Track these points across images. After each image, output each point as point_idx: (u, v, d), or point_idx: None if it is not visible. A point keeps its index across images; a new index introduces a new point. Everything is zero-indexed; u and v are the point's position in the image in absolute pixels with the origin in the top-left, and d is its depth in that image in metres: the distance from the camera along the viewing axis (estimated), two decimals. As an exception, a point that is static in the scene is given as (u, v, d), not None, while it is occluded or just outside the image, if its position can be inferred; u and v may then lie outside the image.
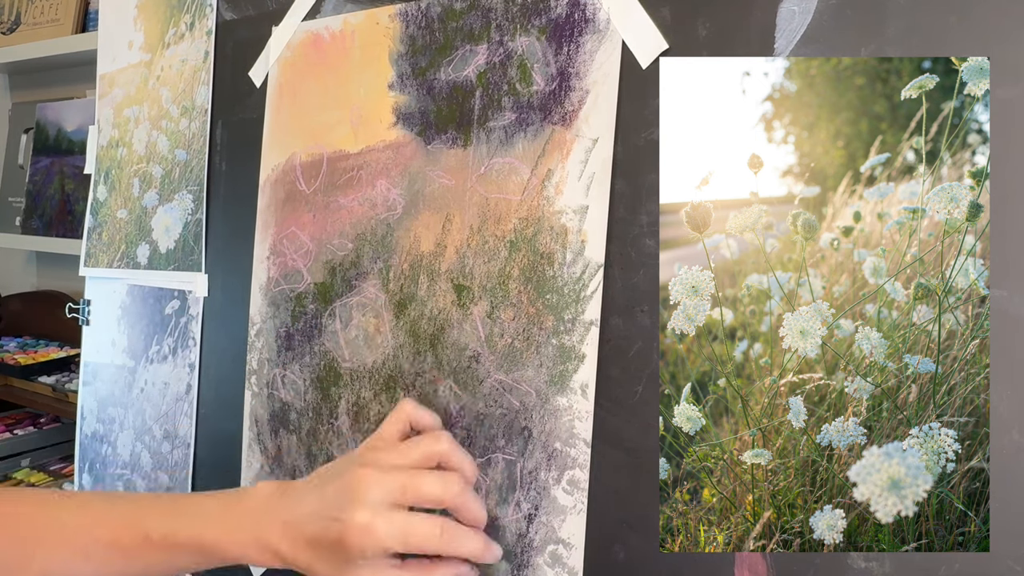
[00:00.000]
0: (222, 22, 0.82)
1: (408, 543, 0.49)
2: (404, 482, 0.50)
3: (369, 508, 0.49)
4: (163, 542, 0.52)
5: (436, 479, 0.51)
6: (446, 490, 0.51)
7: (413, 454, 0.52)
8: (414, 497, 0.50)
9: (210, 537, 0.52)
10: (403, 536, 0.49)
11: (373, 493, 0.49)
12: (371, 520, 0.49)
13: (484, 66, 0.61)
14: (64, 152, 1.56)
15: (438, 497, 0.51)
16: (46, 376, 1.49)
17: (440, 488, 0.51)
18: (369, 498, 0.49)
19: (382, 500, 0.49)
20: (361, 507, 0.49)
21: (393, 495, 0.50)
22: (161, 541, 0.52)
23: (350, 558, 0.49)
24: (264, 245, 0.76)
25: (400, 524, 0.49)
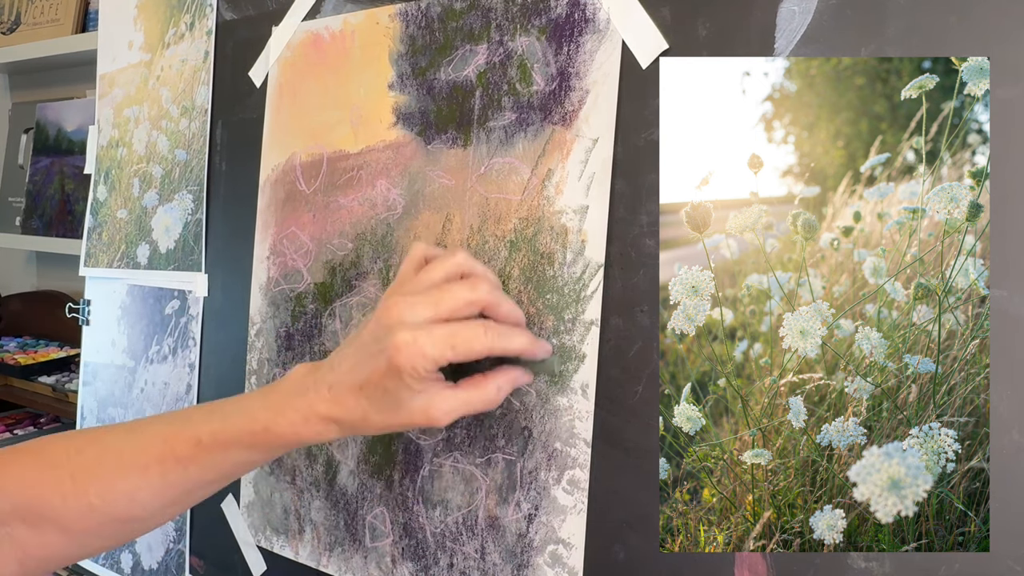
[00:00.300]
0: (222, 22, 0.82)
1: (456, 348, 0.48)
2: (435, 297, 0.49)
3: (409, 328, 0.48)
4: (214, 442, 0.51)
5: (464, 284, 0.50)
6: (476, 291, 0.50)
7: (434, 274, 0.51)
8: (448, 306, 0.49)
9: (259, 425, 0.51)
10: (449, 342, 0.48)
11: (407, 315, 0.48)
12: (414, 336, 0.47)
13: (484, 66, 0.61)
14: (64, 152, 1.56)
15: (469, 299, 0.49)
16: (46, 376, 1.48)
17: (470, 291, 0.49)
18: (406, 319, 0.48)
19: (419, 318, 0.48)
20: (401, 329, 0.48)
21: (428, 311, 0.48)
22: (212, 442, 0.51)
23: (403, 386, 0.48)
24: (264, 245, 0.76)
25: (443, 332, 0.48)
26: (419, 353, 0.47)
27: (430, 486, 0.62)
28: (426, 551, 0.62)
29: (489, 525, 0.59)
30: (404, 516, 0.64)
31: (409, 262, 0.54)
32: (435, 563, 0.62)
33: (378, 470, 0.66)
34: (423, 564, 0.63)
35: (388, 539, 0.65)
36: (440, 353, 0.47)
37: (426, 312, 0.48)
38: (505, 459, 0.58)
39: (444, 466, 0.62)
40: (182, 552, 0.84)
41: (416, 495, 0.63)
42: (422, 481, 0.63)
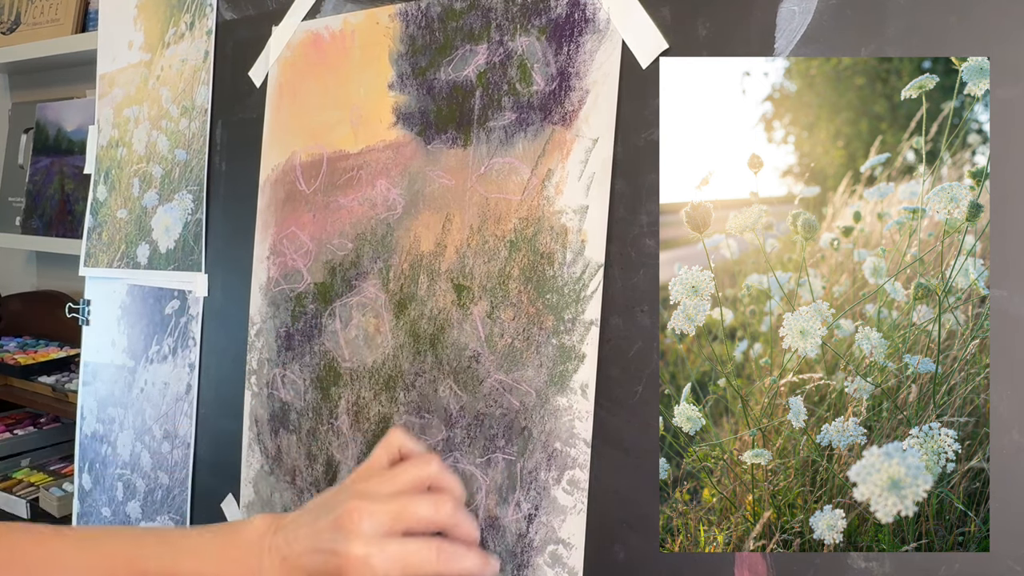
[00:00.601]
0: (222, 22, 0.82)
1: (406, 570, 0.50)
2: (397, 510, 0.51)
3: (363, 540, 0.49)
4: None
5: (427, 502, 0.52)
6: (438, 511, 0.51)
7: (403, 479, 0.53)
8: (408, 523, 0.50)
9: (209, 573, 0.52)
10: (401, 564, 0.49)
11: (366, 524, 0.50)
12: (367, 552, 0.49)
13: (484, 66, 0.61)
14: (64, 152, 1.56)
15: (431, 519, 0.51)
16: (46, 376, 1.48)
17: (432, 510, 0.51)
18: (363, 530, 0.50)
19: (376, 530, 0.50)
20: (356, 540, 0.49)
21: (387, 524, 0.50)
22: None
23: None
24: (264, 245, 0.76)
25: (397, 552, 0.49)
26: (369, 570, 0.48)
27: None
28: (426, 551, 0.62)
29: (489, 525, 0.59)
30: (404, 516, 0.64)
31: (383, 450, 0.55)
32: (435, 563, 0.62)
33: (378, 470, 0.66)
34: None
35: (388, 539, 0.65)
36: (389, 572, 0.49)
37: (385, 525, 0.50)
38: (505, 459, 0.58)
39: (444, 466, 0.62)
40: None
41: (416, 495, 0.63)
42: (422, 481, 0.63)
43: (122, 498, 0.91)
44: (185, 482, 0.84)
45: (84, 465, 0.97)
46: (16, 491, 1.37)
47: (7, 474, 1.44)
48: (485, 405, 0.59)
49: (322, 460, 0.70)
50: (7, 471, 1.46)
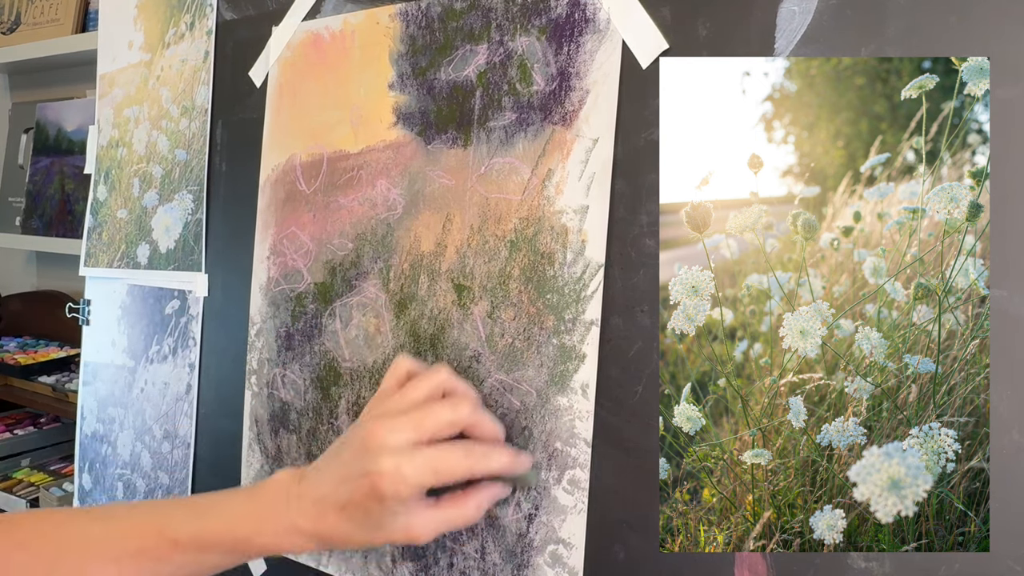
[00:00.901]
0: (222, 22, 0.82)
1: (439, 473, 0.49)
2: (417, 418, 0.50)
3: (391, 453, 0.49)
4: (192, 544, 0.51)
5: (445, 405, 0.51)
6: (457, 412, 0.51)
7: (416, 392, 0.52)
8: (429, 429, 0.50)
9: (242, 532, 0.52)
10: (432, 468, 0.49)
11: (390, 439, 0.49)
12: (397, 463, 0.48)
13: (484, 66, 0.61)
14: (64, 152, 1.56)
15: (451, 421, 0.51)
16: (46, 376, 1.48)
17: (451, 412, 0.51)
18: (388, 444, 0.49)
19: (401, 442, 0.49)
20: (384, 454, 0.49)
21: (409, 434, 0.49)
22: (190, 543, 0.51)
23: (386, 509, 0.49)
24: (264, 245, 0.76)
25: (426, 458, 0.49)
26: (402, 480, 0.48)
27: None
28: (426, 551, 0.62)
29: (489, 525, 0.59)
30: (404, 516, 0.64)
31: (391, 376, 0.55)
32: (435, 563, 0.62)
33: (378, 470, 0.66)
34: (423, 564, 0.63)
35: (388, 539, 0.65)
36: (422, 479, 0.48)
37: (408, 435, 0.49)
38: (505, 459, 0.58)
39: (444, 466, 0.62)
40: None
41: (416, 495, 0.63)
42: (422, 481, 0.63)
43: (122, 498, 0.91)
44: (185, 482, 0.84)
45: (84, 465, 0.97)
46: (16, 491, 1.37)
47: (7, 474, 1.44)
48: (485, 405, 0.59)
49: (322, 460, 0.70)
50: (7, 471, 1.46)
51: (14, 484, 1.39)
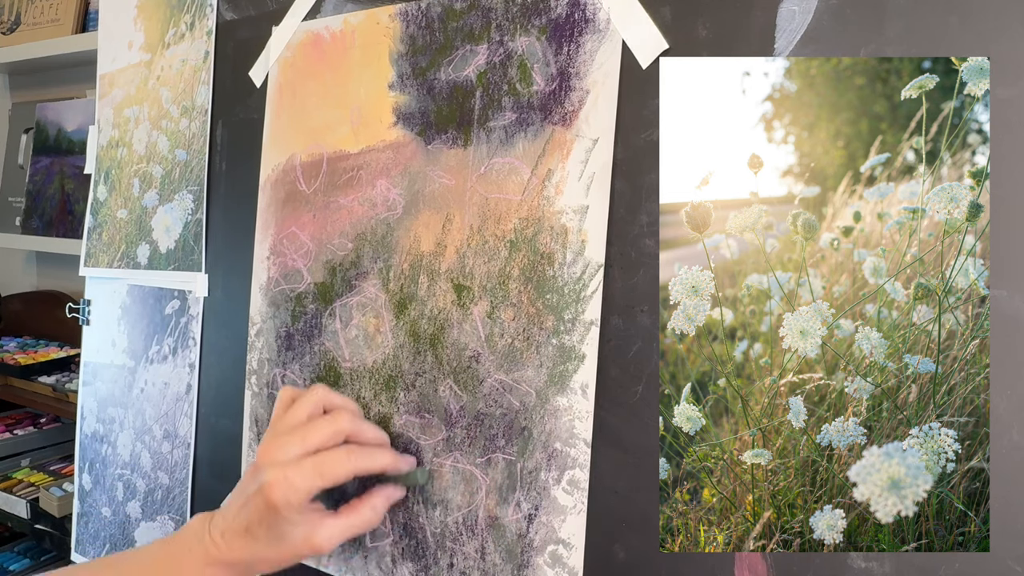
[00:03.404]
0: (222, 22, 0.82)
1: (324, 475, 0.53)
2: (300, 434, 0.54)
3: (278, 465, 0.53)
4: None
5: (326, 421, 0.56)
6: (337, 423, 0.55)
7: (298, 413, 0.57)
8: (314, 441, 0.54)
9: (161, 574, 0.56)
10: (317, 472, 0.53)
11: (278, 454, 0.53)
12: (284, 473, 0.52)
13: (484, 66, 0.61)
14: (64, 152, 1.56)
15: (332, 431, 0.55)
16: (46, 376, 1.49)
17: (332, 426, 0.55)
18: (276, 458, 0.53)
19: (288, 456, 0.53)
20: (271, 468, 0.53)
21: (295, 449, 0.54)
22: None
23: (283, 519, 0.52)
24: (264, 245, 0.76)
25: (310, 465, 0.53)
26: (290, 487, 0.52)
27: (430, 486, 0.62)
28: (426, 551, 0.62)
29: (489, 525, 0.59)
30: (404, 516, 0.64)
31: (279, 406, 0.60)
32: (435, 563, 0.62)
33: (378, 470, 0.66)
34: (423, 564, 0.63)
35: (388, 539, 0.65)
36: (310, 483, 0.52)
37: (295, 449, 0.54)
38: (505, 459, 0.58)
39: (444, 466, 0.62)
40: None
41: (416, 495, 0.63)
42: (422, 481, 0.63)
43: (122, 498, 0.91)
44: (185, 482, 0.84)
45: (84, 465, 0.97)
46: (16, 491, 1.37)
47: (7, 474, 1.44)
48: (485, 405, 0.59)
49: (322, 460, 0.70)
50: (7, 471, 1.46)
51: (14, 484, 1.39)
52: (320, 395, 0.58)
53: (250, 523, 0.54)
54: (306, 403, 0.57)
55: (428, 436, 0.63)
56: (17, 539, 1.52)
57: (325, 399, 0.58)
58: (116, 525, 0.92)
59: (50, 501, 1.30)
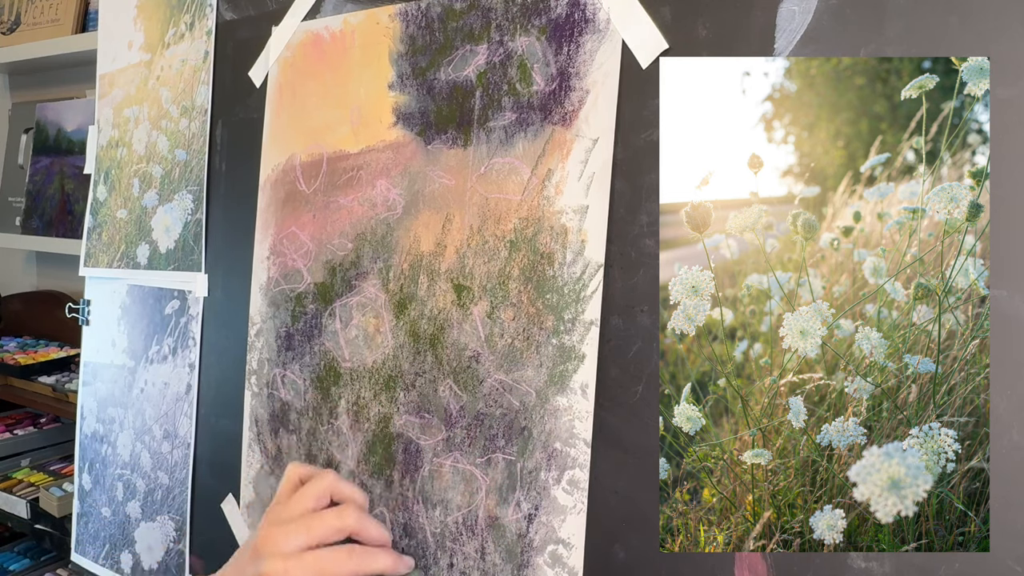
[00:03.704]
0: (222, 22, 0.82)
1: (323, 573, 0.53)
2: (305, 525, 0.54)
3: (281, 557, 0.53)
4: None
5: (333, 513, 0.55)
6: (343, 519, 0.55)
7: (306, 498, 0.57)
8: (318, 534, 0.54)
9: None
10: (317, 569, 0.53)
11: (280, 545, 0.53)
12: (286, 566, 0.52)
13: (484, 66, 0.61)
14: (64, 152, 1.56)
15: (338, 527, 0.55)
16: (46, 376, 1.48)
17: (338, 519, 0.55)
18: (278, 550, 0.53)
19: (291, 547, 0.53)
20: (274, 559, 0.53)
21: (299, 540, 0.54)
22: None
23: None
24: (264, 245, 0.76)
25: (311, 561, 0.53)
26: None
27: (430, 486, 0.62)
28: (426, 551, 0.62)
29: (489, 525, 0.59)
30: (404, 516, 0.64)
31: (286, 483, 0.60)
32: (435, 563, 0.62)
33: (378, 470, 0.66)
34: (423, 564, 0.63)
35: (388, 539, 0.65)
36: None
37: (298, 540, 0.54)
38: (505, 459, 0.58)
39: (444, 466, 0.62)
40: (182, 552, 0.84)
41: (416, 495, 0.63)
42: (422, 481, 0.63)
43: (122, 498, 0.91)
44: (185, 482, 0.84)
45: (84, 465, 0.97)
46: (16, 491, 1.37)
47: (7, 474, 1.44)
48: (485, 405, 0.59)
49: (322, 460, 0.70)
50: (7, 471, 1.46)
51: (14, 484, 1.39)
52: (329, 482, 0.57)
53: None
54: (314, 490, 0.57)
55: (428, 436, 0.63)
56: (17, 539, 1.52)
57: (334, 487, 0.57)
58: (116, 525, 0.92)
59: (50, 501, 1.30)
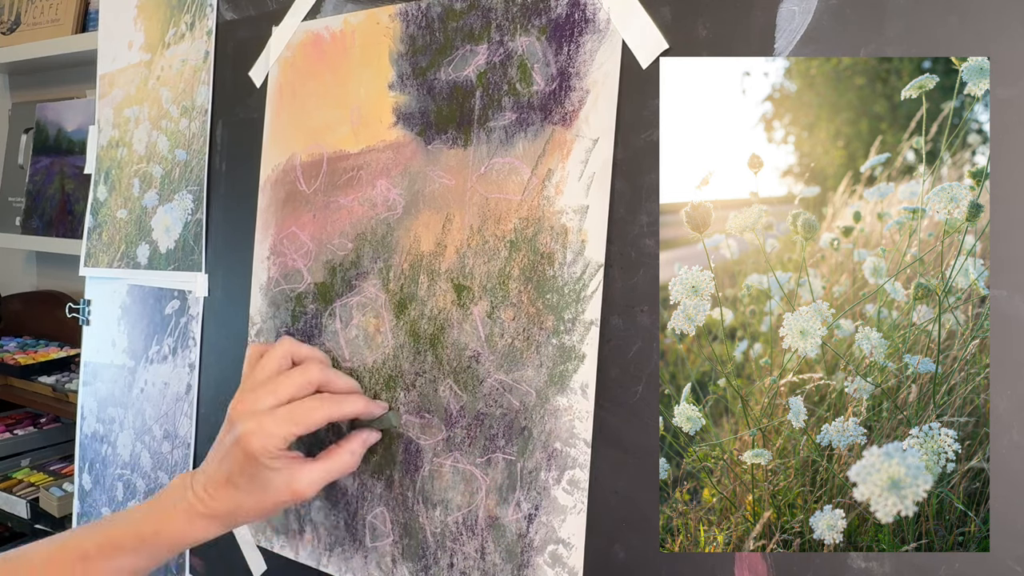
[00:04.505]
0: (222, 22, 0.82)
1: (298, 422, 0.54)
2: (271, 386, 0.56)
3: (252, 417, 0.54)
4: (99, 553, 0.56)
5: (297, 370, 0.57)
6: (307, 374, 0.57)
7: (267, 366, 0.58)
8: (285, 392, 0.56)
9: (146, 530, 0.57)
10: (291, 419, 0.54)
11: (252, 406, 0.55)
12: (259, 422, 0.54)
13: (484, 66, 0.61)
14: (64, 152, 1.56)
15: (302, 382, 0.56)
16: (46, 376, 1.49)
17: (302, 376, 0.57)
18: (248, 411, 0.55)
19: (261, 408, 0.55)
20: (246, 419, 0.54)
21: (267, 400, 0.55)
22: (98, 553, 0.56)
23: (263, 466, 0.54)
24: (264, 245, 0.76)
25: (284, 411, 0.55)
26: (266, 434, 0.54)
27: (430, 486, 0.62)
28: (426, 551, 0.62)
29: (489, 525, 0.59)
30: (404, 516, 0.64)
31: (248, 362, 0.61)
32: (435, 563, 0.62)
33: (378, 470, 0.66)
34: (423, 564, 0.63)
35: (388, 539, 0.65)
36: (285, 430, 0.54)
37: (268, 400, 0.55)
38: (505, 459, 0.58)
39: (444, 466, 0.62)
40: (182, 552, 0.84)
41: (416, 495, 0.63)
42: (422, 481, 0.63)
43: (122, 498, 0.91)
44: (185, 482, 0.84)
45: (84, 465, 0.97)
46: (16, 491, 1.37)
47: (7, 474, 1.44)
48: (485, 405, 0.59)
49: (322, 460, 0.70)
50: (7, 471, 1.46)
51: (14, 484, 1.40)
52: (287, 347, 0.59)
53: (231, 474, 0.55)
54: (274, 356, 0.58)
55: (428, 436, 0.63)
56: (17, 539, 1.52)
57: (292, 350, 0.59)
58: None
59: (50, 501, 1.30)
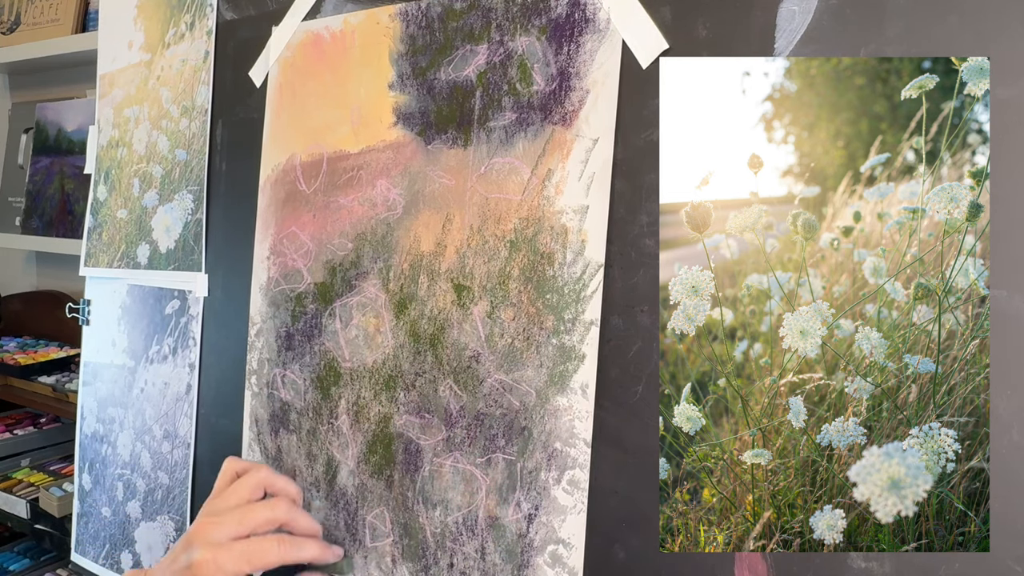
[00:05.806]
0: (222, 22, 0.82)
1: (252, 562, 0.55)
2: (238, 516, 0.57)
3: (210, 546, 0.55)
4: None
5: (264, 505, 0.58)
6: (275, 510, 0.58)
7: (241, 491, 0.59)
8: (249, 524, 0.56)
9: None
10: (246, 558, 0.55)
11: (211, 534, 0.55)
12: (215, 553, 0.54)
13: (484, 66, 0.61)
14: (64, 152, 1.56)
15: (268, 518, 0.57)
16: (46, 376, 1.48)
17: (269, 510, 0.57)
18: (209, 539, 0.55)
19: (221, 537, 0.55)
20: (204, 547, 0.55)
21: (230, 530, 0.56)
22: None
23: None
24: (264, 245, 0.76)
25: (240, 549, 0.55)
26: (218, 569, 0.54)
27: (430, 486, 0.62)
28: (426, 551, 0.62)
29: (489, 525, 0.59)
30: (404, 516, 0.64)
31: (222, 477, 0.62)
32: (435, 563, 0.62)
33: (378, 470, 0.66)
34: (423, 564, 0.63)
35: (388, 539, 0.65)
36: (237, 568, 0.55)
37: (229, 531, 0.56)
38: (505, 459, 0.58)
39: (444, 466, 0.62)
40: None
41: (416, 495, 0.63)
42: (422, 481, 0.63)
43: (122, 498, 0.91)
44: (185, 482, 0.84)
45: (84, 465, 0.97)
46: (16, 491, 1.37)
47: (7, 474, 1.44)
48: (485, 405, 0.59)
49: (322, 460, 0.70)
50: (7, 471, 1.45)
51: (14, 484, 1.39)
52: (263, 475, 0.60)
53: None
54: (247, 485, 0.59)
55: (428, 436, 0.63)
56: (17, 539, 1.52)
57: (268, 480, 0.60)
58: (116, 525, 0.92)
59: (50, 501, 1.30)
